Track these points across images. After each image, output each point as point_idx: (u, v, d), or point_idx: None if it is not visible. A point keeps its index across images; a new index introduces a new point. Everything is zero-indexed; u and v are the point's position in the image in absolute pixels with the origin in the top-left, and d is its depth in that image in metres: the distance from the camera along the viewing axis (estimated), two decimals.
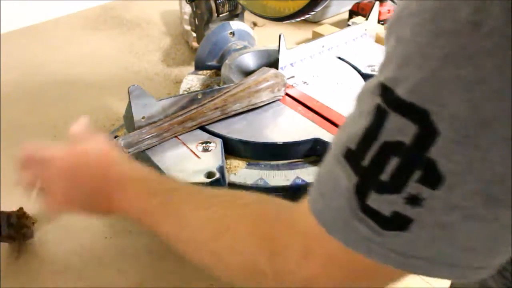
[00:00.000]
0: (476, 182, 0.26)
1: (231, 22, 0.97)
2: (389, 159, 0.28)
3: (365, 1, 1.24)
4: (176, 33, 1.30)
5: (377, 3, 1.01)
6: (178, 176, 0.66)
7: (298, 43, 1.20)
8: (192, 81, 0.94)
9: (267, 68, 0.82)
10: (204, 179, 0.65)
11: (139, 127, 0.72)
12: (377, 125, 0.28)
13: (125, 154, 0.58)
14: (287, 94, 0.85)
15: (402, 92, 0.27)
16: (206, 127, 0.76)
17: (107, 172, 0.50)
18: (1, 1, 1.31)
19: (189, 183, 0.60)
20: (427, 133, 0.26)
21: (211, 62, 0.96)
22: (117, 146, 0.65)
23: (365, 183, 0.29)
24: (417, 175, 0.27)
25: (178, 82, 1.07)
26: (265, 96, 0.80)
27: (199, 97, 0.77)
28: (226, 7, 1.01)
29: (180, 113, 0.75)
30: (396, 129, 0.27)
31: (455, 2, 0.25)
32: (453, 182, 0.26)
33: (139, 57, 1.20)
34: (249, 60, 0.91)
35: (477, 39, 0.24)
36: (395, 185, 0.28)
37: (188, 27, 1.19)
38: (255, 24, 1.29)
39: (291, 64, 0.89)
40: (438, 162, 0.26)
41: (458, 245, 0.28)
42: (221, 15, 1.01)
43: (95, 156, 0.51)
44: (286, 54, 0.87)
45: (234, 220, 0.40)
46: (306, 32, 1.27)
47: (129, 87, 0.71)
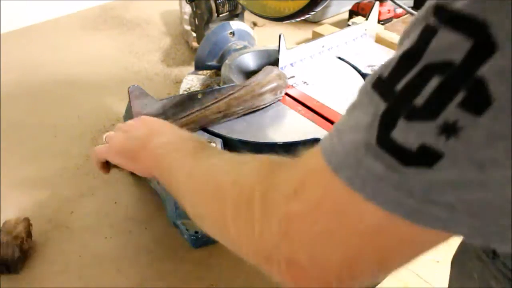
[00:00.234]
0: None
1: (231, 22, 0.97)
2: (429, 80, 0.25)
3: (365, 1, 1.24)
4: (176, 33, 1.30)
5: (377, 3, 1.01)
6: None
7: (298, 43, 1.20)
8: (192, 81, 0.94)
9: (269, 67, 0.82)
10: None
11: None
12: (421, 47, 0.26)
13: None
14: (287, 94, 0.85)
15: (460, 5, 0.25)
16: (207, 127, 0.76)
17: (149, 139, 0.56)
18: (1, 1, 1.31)
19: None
20: (483, 48, 0.24)
21: (211, 62, 0.96)
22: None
23: (395, 109, 0.27)
24: (459, 97, 0.24)
25: (178, 82, 1.07)
26: (268, 99, 0.80)
27: (199, 97, 0.77)
28: (226, 7, 1.01)
29: (183, 115, 0.75)
30: (445, 46, 0.25)
31: None
32: (502, 107, 0.23)
33: (139, 57, 1.20)
34: (249, 60, 0.91)
35: None
36: (430, 110, 0.25)
37: (188, 27, 1.19)
38: (255, 24, 1.29)
39: (291, 64, 0.89)
40: (490, 81, 0.23)
41: (490, 188, 0.25)
42: (221, 15, 1.01)
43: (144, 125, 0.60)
44: (286, 54, 0.87)
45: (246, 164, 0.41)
46: (306, 32, 1.27)
47: (129, 87, 0.71)
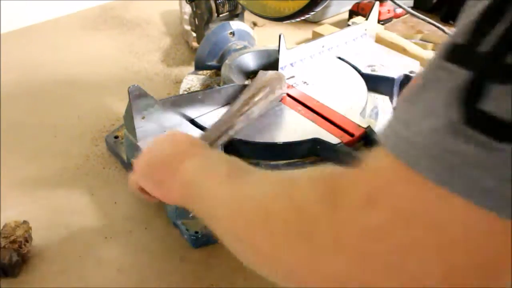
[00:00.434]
0: None
1: (231, 22, 0.97)
2: None
3: (365, 1, 1.24)
4: (176, 33, 1.30)
5: (377, 3, 1.01)
6: None
7: (298, 43, 1.20)
8: (192, 81, 0.94)
9: (268, 73, 0.82)
10: None
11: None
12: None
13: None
14: (287, 94, 0.85)
15: None
16: (206, 127, 0.76)
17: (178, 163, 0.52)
18: (1, 1, 1.31)
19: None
20: None
21: (211, 62, 0.96)
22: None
23: (483, 73, 0.23)
24: None
25: (178, 82, 1.06)
26: (267, 106, 0.80)
27: (199, 97, 0.77)
28: (226, 7, 1.01)
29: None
30: None
31: None
32: None
33: (139, 57, 1.20)
34: (249, 60, 0.91)
35: None
36: None
37: (188, 27, 1.19)
38: (255, 24, 1.29)
39: (291, 64, 0.89)
40: None
41: None
42: (221, 15, 1.01)
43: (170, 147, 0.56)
44: (286, 54, 0.87)
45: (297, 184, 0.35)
46: (306, 32, 1.27)
47: (129, 87, 0.71)
